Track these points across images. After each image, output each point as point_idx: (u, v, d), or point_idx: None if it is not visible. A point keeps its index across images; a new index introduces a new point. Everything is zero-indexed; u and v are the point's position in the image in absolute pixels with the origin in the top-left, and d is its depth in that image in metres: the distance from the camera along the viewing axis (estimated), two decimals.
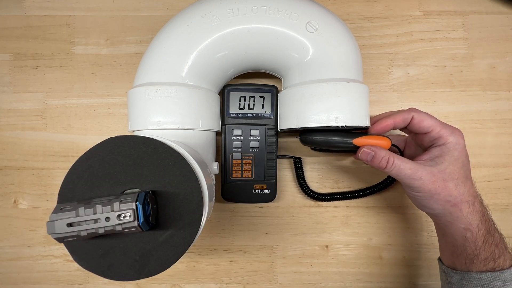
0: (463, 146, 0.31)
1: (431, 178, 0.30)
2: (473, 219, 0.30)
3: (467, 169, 0.31)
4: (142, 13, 0.41)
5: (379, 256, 0.41)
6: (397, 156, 0.31)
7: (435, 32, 0.41)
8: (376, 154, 0.31)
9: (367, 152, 0.32)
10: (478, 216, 0.30)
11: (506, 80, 0.41)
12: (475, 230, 0.30)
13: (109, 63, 0.40)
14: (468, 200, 0.30)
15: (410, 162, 0.31)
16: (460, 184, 0.30)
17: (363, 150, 0.32)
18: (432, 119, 0.32)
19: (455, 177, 0.30)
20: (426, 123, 0.31)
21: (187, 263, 0.41)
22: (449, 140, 0.31)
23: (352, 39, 0.34)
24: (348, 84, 0.32)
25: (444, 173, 0.30)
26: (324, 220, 0.41)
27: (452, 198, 0.30)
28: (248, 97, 0.38)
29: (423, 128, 0.32)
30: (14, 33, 0.40)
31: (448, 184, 0.30)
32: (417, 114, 0.32)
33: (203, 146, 0.33)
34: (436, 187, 0.30)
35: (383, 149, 0.31)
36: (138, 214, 0.20)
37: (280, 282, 0.41)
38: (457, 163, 0.31)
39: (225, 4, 0.32)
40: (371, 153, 0.32)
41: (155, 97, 0.31)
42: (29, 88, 0.40)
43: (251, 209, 0.41)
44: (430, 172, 0.30)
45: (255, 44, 0.32)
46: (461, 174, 0.31)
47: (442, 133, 0.31)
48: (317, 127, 0.32)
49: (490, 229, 0.30)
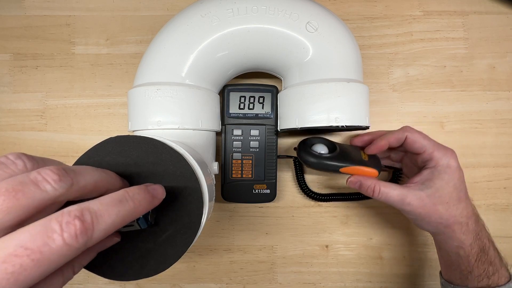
0: (456, 168, 0.31)
1: (420, 203, 0.30)
2: (466, 238, 0.30)
3: (461, 191, 0.31)
4: (142, 13, 0.41)
5: (379, 256, 0.41)
6: (383, 183, 0.31)
7: (435, 32, 0.41)
8: (362, 184, 0.32)
9: (353, 181, 0.33)
10: (472, 235, 0.31)
11: (506, 80, 0.41)
12: (468, 249, 0.30)
13: (109, 63, 0.40)
14: (460, 222, 0.31)
15: (398, 188, 0.31)
16: (451, 207, 0.30)
17: (350, 179, 0.33)
18: (425, 140, 0.32)
19: (445, 201, 0.30)
20: (418, 144, 0.32)
21: (187, 263, 0.41)
22: (440, 163, 0.31)
23: (352, 39, 0.34)
24: (348, 84, 0.32)
25: (433, 197, 0.30)
26: (324, 220, 0.41)
27: (444, 220, 0.31)
28: (248, 97, 0.38)
29: (415, 149, 0.32)
30: (14, 33, 0.40)
31: (438, 208, 0.30)
32: (410, 134, 0.32)
33: (203, 146, 0.33)
34: (426, 211, 0.30)
35: (369, 178, 0.32)
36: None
37: (280, 282, 0.41)
38: (448, 186, 0.30)
39: (225, 4, 0.32)
40: (357, 182, 0.33)
41: (155, 97, 0.31)
42: (29, 88, 0.40)
43: (251, 209, 0.41)
44: (419, 197, 0.30)
45: (255, 44, 0.32)
46: (452, 196, 0.30)
47: (433, 155, 0.31)
48: (317, 127, 0.32)
49: (484, 247, 0.31)
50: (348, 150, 0.35)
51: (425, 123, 0.41)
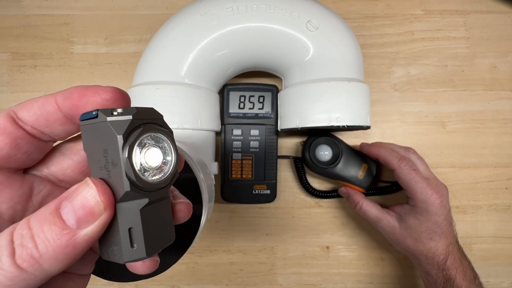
0: (434, 213, 0.32)
1: (391, 230, 0.34)
2: (430, 269, 0.32)
3: (434, 232, 0.32)
4: (141, 12, 0.40)
5: (380, 257, 0.41)
6: (367, 202, 0.35)
7: (437, 31, 0.40)
8: (350, 196, 0.37)
9: (343, 192, 0.38)
10: (436, 267, 0.32)
11: (508, 80, 0.40)
12: (434, 277, 0.32)
13: (108, 62, 0.40)
14: (426, 255, 0.32)
15: (378, 210, 0.35)
16: (419, 243, 0.32)
17: (341, 189, 0.38)
18: (412, 180, 0.32)
19: (414, 237, 0.33)
20: (402, 181, 0.33)
21: (187, 264, 0.41)
22: (418, 205, 0.32)
23: (353, 38, 0.34)
24: (349, 84, 0.32)
25: (405, 231, 0.33)
26: (324, 221, 0.41)
27: (410, 250, 0.33)
28: (248, 97, 0.38)
29: (400, 183, 0.34)
30: (13, 33, 0.40)
31: (407, 241, 0.33)
32: (399, 170, 0.33)
33: (202, 146, 0.33)
34: (395, 239, 0.34)
35: (356, 193, 0.37)
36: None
37: (280, 284, 0.41)
38: (420, 227, 0.32)
39: (225, 2, 0.31)
40: (346, 193, 0.37)
41: (154, 96, 0.31)
42: (28, 87, 0.40)
43: (251, 210, 0.41)
44: (392, 226, 0.34)
45: (255, 43, 0.32)
46: (422, 236, 0.32)
47: (415, 197, 0.32)
48: (318, 127, 0.32)
49: (450, 277, 0.31)
50: (350, 161, 0.37)
51: (427, 123, 0.40)
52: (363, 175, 0.37)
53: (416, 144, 0.37)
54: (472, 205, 0.40)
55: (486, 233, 0.40)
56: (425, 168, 0.34)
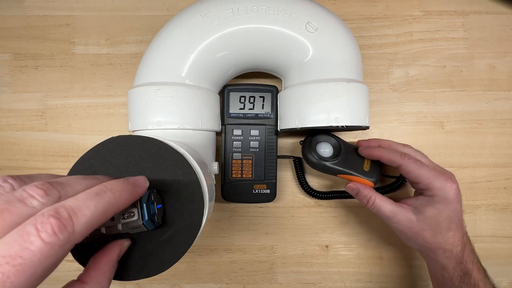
0: (453, 199, 0.31)
1: (409, 225, 0.32)
2: (449, 262, 0.31)
3: (452, 221, 0.31)
4: (142, 13, 0.41)
5: (379, 256, 0.41)
6: (379, 197, 0.32)
7: (435, 32, 0.41)
8: (360, 191, 0.34)
9: (352, 187, 0.34)
10: (454, 261, 0.31)
11: (506, 80, 0.41)
12: (451, 271, 0.31)
13: (109, 63, 0.40)
14: (444, 248, 0.31)
15: (392, 204, 0.32)
16: (438, 234, 0.31)
17: (349, 185, 0.35)
18: (421, 169, 0.31)
19: (433, 228, 0.31)
20: (412, 174, 0.32)
21: (187, 263, 0.41)
22: (437, 194, 0.31)
23: (352, 39, 0.34)
24: (348, 84, 0.32)
25: (423, 223, 0.31)
26: (324, 220, 0.41)
27: (428, 244, 0.32)
28: (248, 97, 0.38)
29: (410, 178, 0.32)
30: (14, 33, 0.40)
31: (425, 234, 0.31)
32: (405, 165, 0.32)
33: (203, 146, 0.33)
34: (413, 233, 0.32)
35: (367, 188, 0.34)
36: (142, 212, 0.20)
37: (280, 282, 0.41)
38: (440, 216, 0.31)
39: (225, 4, 0.32)
40: (355, 189, 0.34)
41: (155, 97, 0.31)
42: (29, 88, 0.40)
43: (251, 209, 0.41)
44: (409, 219, 0.32)
45: (255, 44, 0.32)
46: (442, 226, 0.31)
47: (430, 186, 0.31)
48: (317, 127, 0.32)
49: (468, 271, 0.31)
50: (352, 156, 0.36)
51: (425, 123, 0.41)
52: (368, 167, 0.36)
53: (414, 144, 0.38)
54: (470, 204, 0.41)
55: (484, 232, 0.41)
56: (427, 159, 0.34)
